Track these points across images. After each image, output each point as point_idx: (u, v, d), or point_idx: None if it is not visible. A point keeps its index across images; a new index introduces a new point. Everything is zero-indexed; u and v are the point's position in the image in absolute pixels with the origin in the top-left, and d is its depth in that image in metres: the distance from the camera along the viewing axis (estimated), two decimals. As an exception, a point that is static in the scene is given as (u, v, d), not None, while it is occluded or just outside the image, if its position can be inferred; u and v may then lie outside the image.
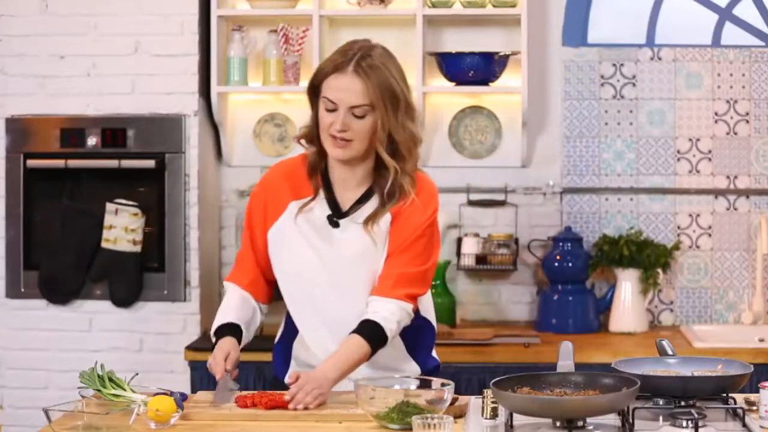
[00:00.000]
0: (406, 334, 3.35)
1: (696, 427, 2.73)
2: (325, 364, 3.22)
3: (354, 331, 3.24)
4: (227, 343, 3.29)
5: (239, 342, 3.32)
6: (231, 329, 3.33)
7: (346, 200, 3.34)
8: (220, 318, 3.38)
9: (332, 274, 3.31)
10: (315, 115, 3.29)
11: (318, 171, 3.35)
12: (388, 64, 3.27)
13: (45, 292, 4.95)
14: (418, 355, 3.42)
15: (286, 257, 3.34)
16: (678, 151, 5.16)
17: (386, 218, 3.30)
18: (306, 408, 3.08)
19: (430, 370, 3.41)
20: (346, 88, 3.21)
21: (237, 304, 3.39)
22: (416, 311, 3.34)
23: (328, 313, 3.32)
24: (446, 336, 4.76)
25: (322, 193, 3.33)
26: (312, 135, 3.32)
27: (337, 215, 3.32)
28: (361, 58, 3.22)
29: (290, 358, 3.47)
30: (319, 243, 3.31)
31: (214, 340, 3.34)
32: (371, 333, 3.24)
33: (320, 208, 3.33)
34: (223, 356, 3.24)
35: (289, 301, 3.39)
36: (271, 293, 3.45)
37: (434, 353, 3.50)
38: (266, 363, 4.63)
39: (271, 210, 3.35)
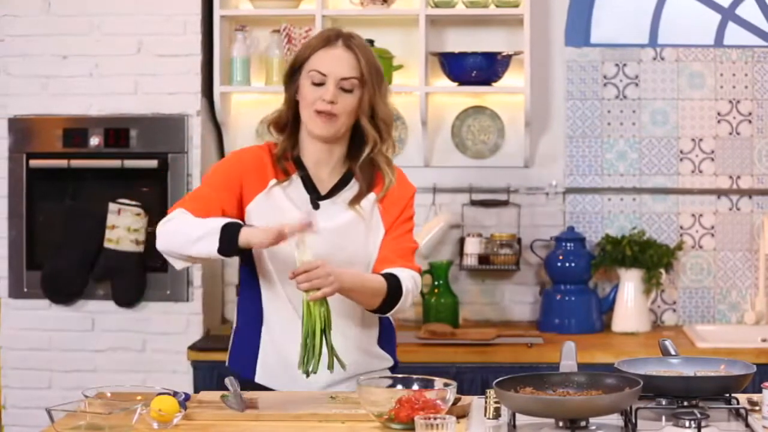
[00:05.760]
0: (383, 326, 3.32)
1: (699, 428, 2.73)
2: (342, 271, 3.09)
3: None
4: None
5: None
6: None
7: (322, 183, 3.27)
8: (214, 220, 3.10)
9: (318, 254, 3.10)
10: (291, 98, 3.25)
11: (289, 157, 3.28)
12: (368, 46, 3.30)
13: (48, 291, 4.95)
14: (389, 351, 3.37)
15: None
16: (681, 151, 5.16)
17: (371, 198, 3.26)
18: (309, 290, 3.00)
19: (393, 367, 3.39)
20: (337, 60, 3.20)
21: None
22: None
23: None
24: (449, 336, 4.76)
25: (296, 176, 3.26)
26: (285, 120, 3.27)
27: (316, 197, 3.26)
28: (347, 36, 3.25)
29: (257, 351, 3.30)
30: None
31: (218, 236, 3.04)
32: (389, 278, 3.18)
33: (297, 189, 3.25)
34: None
35: (268, 285, 3.25)
36: None
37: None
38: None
39: (250, 184, 3.23)
